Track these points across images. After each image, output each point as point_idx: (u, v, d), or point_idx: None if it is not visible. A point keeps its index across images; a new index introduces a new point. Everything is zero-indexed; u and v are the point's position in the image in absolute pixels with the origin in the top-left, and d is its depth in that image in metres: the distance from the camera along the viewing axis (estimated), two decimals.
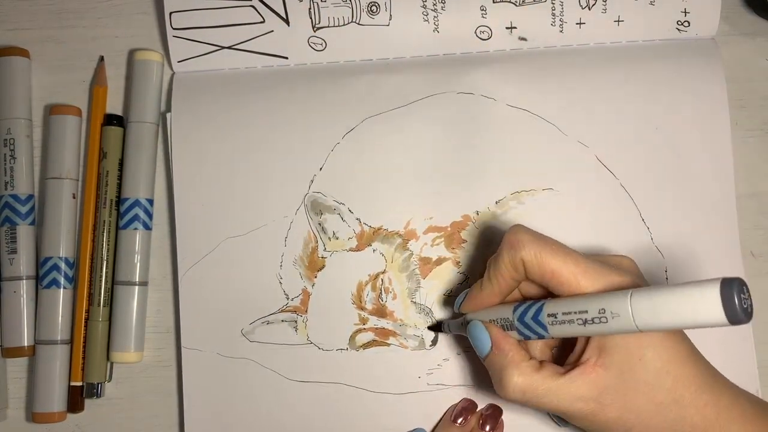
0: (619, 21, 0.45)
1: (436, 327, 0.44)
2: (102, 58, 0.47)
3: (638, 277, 0.35)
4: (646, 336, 0.32)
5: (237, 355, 0.44)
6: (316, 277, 0.44)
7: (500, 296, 0.37)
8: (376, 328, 0.44)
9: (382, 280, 0.44)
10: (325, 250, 0.44)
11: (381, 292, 0.44)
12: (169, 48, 0.46)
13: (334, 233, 0.44)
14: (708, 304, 0.28)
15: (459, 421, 0.42)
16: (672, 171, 0.44)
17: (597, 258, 0.35)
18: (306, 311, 0.44)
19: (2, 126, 0.45)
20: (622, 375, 0.33)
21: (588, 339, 0.34)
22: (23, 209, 0.44)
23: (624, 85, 0.45)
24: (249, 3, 0.46)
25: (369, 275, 0.44)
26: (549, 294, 0.35)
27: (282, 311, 0.44)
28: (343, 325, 0.44)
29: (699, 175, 0.44)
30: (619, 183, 0.44)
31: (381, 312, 0.44)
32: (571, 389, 0.33)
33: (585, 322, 0.32)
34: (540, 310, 0.34)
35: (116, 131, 0.45)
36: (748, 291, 0.28)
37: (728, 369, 0.38)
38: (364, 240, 0.44)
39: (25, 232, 0.44)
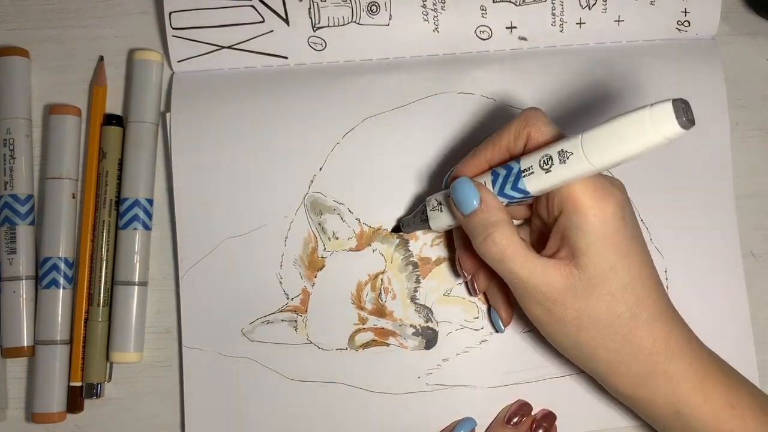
0: (619, 21, 0.45)
1: (396, 228, 0.44)
2: (102, 58, 0.47)
3: (624, 190, 0.35)
4: (619, 247, 0.33)
5: (237, 355, 0.44)
6: (315, 276, 0.44)
7: (490, 162, 0.37)
8: (376, 328, 0.44)
9: (381, 280, 0.44)
10: (324, 250, 0.44)
11: (380, 292, 0.44)
12: (168, 48, 0.46)
13: (333, 233, 0.44)
14: (659, 119, 0.28)
15: (513, 422, 0.42)
16: (672, 171, 0.44)
17: None
18: (306, 311, 0.44)
19: (2, 126, 0.45)
20: (590, 280, 0.33)
21: (563, 238, 0.34)
22: (23, 209, 0.44)
23: (624, 85, 0.45)
24: (249, 3, 0.46)
25: (369, 275, 0.44)
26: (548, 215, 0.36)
27: (282, 311, 0.44)
28: (343, 325, 0.44)
29: (699, 174, 0.44)
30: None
31: (380, 312, 0.44)
32: (545, 272, 0.34)
33: (548, 165, 0.32)
34: (516, 164, 0.34)
35: (116, 131, 0.45)
36: (689, 106, 0.29)
37: None
38: (364, 240, 0.44)
39: (24, 232, 0.44)
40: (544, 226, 0.37)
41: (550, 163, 0.32)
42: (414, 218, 0.42)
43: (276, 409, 0.43)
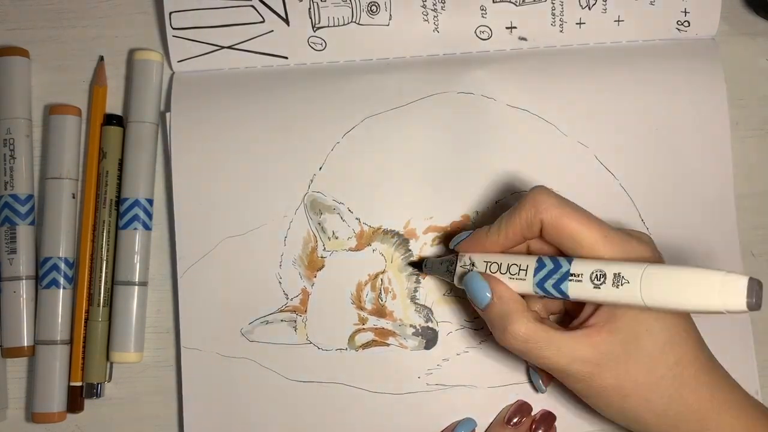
0: (619, 21, 0.45)
1: (417, 264, 0.44)
2: (102, 58, 0.47)
3: (656, 251, 0.35)
4: (655, 311, 0.32)
5: (236, 355, 0.44)
6: (315, 276, 0.44)
7: (503, 248, 0.37)
8: (376, 328, 0.44)
9: (381, 279, 0.44)
10: (324, 249, 0.44)
11: (380, 292, 0.44)
12: (168, 48, 0.46)
13: (333, 233, 0.44)
14: (730, 291, 0.28)
15: (513, 422, 0.42)
16: (672, 171, 0.44)
17: (618, 228, 0.35)
18: (305, 311, 0.44)
19: (2, 126, 0.45)
20: (627, 344, 0.33)
21: (598, 306, 0.34)
22: (23, 209, 0.44)
23: (624, 85, 0.45)
24: (249, 3, 0.46)
25: (368, 275, 0.44)
26: (559, 253, 0.35)
27: (281, 311, 0.44)
28: (343, 325, 0.44)
29: (698, 174, 0.44)
30: (618, 183, 0.44)
31: (380, 312, 0.44)
32: (574, 347, 0.33)
33: (599, 282, 0.32)
34: (567, 263, 0.33)
35: (116, 131, 0.45)
36: (761, 289, 0.29)
37: (728, 369, 0.38)
38: (364, 240, 0.44)
39: (24, 232, 0.44)
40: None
41: (602, 280, 0.32)
42: (441, 265, 0.41)
43: (275, 410, 0.43)
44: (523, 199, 0.35)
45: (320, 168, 0.45)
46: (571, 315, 0.37)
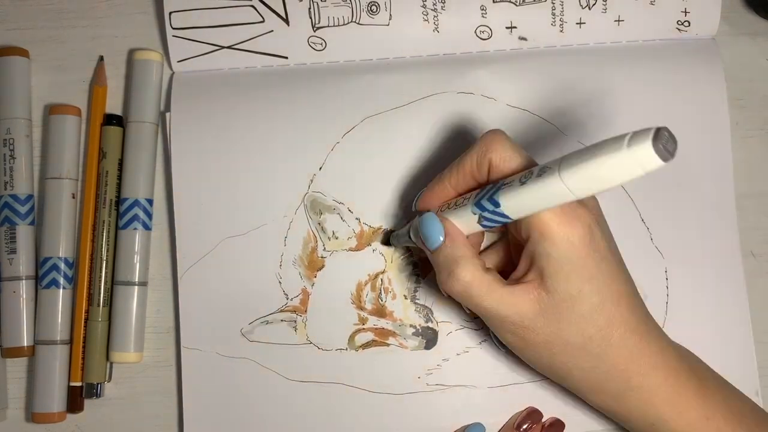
0: (619, 21, 0.45)
1: (386, 242, 0.44)
2: (102, 58, 0.47)
3: (597, 209, 0.35)
4: (587, 269, 0.33)
5: (236, 355, 0.44)
6: (315, 276, 0.44)
7: (456, 192, 0.37)
8: (376, 328, 0.44)
9: (381, 280, 0.44)
10: (324, 249, 0.44)
11: (380, 292, 0.44)
12: (168, 48, 0.46)
13: (333, 233, 0.44)
14: (637, 146, 0.27)
15: (523, 428, 0.42)
16: (672, 171, 0.44)
17: None
18: (305, 311, 0.44)
19: (2, 126, 0.45)
20: (561, 303, 0.33)
21: (531, 262, 0.34)
22: (23, 209, 0.44)
23: (624, 85, 0.45)
24: (249, 3, 0.46)
25: (368, 275, 0.44)
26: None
27: (281, 311, 0.44)
28: (343, 325, 0.44)
29: (699, 174, 0.44)
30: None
31: (380, 312, 0.44)
32: (513, 300, 0.34)
33: (525, 181, 0.31)
34: (496, 189, 0.33)
35: (116, 131, 0.45)
36: (672, 137, 0.27)
37: (728, 369, 0.38)
38: (364, 240, 0.44)
39: (24, 232, 0.44)
40: (516, 248, 0.37)
41: (528, 177, 0.31)
42: (404, 234, 0.41)
43: (275, 410, 0.43)
44: (477, 140, 0.35)
45: (320, 168, 0.45)
46: (509, 268, 0.37)
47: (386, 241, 0.44)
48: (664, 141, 0.27)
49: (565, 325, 0.33)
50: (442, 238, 0.35)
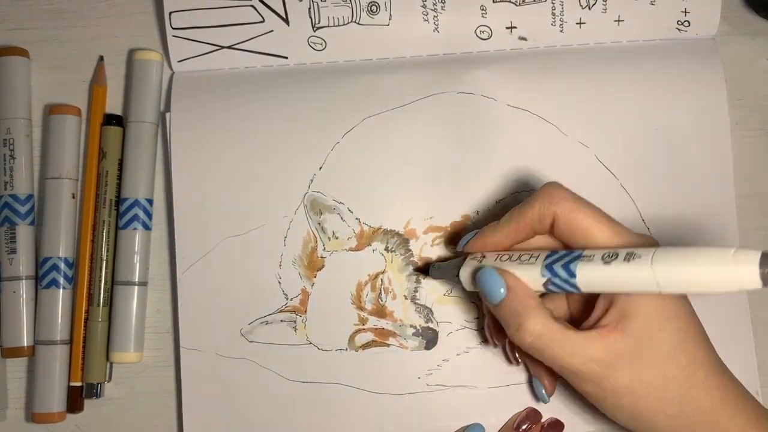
0: (619, 21, 0.45)
1: (424, 269, 0.43)
2: (102, 58, 0.47)
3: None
4: (667, 309, 0.32)
5: (236, 355, 0.44)
6: (315, 276, 0.44)
7: (512, 243, 0.36)
8: (376, 329, 0.44)
9: (381, 280, 0.44)
10: (324, 249, 0.44)
11: (380, 292, 0.44)
12: (168, 48, 0.46)
13: (333, 233, 0.44)
14: (743, 266, 0.27)
15: (522, 429, 0.42)
16: (672, 171, 0.44)
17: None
18: (305, 311, 0.44)
19: (2, 126, 0.45)
20: (640, 344, 0.32)
21: (610, 304, 0.33)
22: (23, 209, 0.44)
23: (624, 85, 0.45)
24: (249, 3, 0.46)
25: (368, 275, 0.44)
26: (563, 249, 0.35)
27: (281, 311, 0.44)
28: (343, 326, 0.44)
29: (699, 175, 0.44)
30: (619, 183, 0.44)
31: (380, 312, 0.44)
32: (587, 347, 0.33)
33: (610, 261, 0.31)
34: (573, 259, 0.32)
35: (116, 131, 0.45)
36: None
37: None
38: (364, 240, 0.44)
39: (24, 232, 0.44)
40: (581, 296, 0.37)
41: (613, 257, 0.31)
42: (448, 268, 0.40)
43: (275, 410, 0.43)
44: (536, 192, 0.35)
45: (320, 168, 0.45)
46: (578, 321, 0.36)
47: (421, 269, 0.43)
48: None
49: (646, 367, 0.32)
50: (503, 291, 0.35)
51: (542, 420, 0.42)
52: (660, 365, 0.32)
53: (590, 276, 0.32)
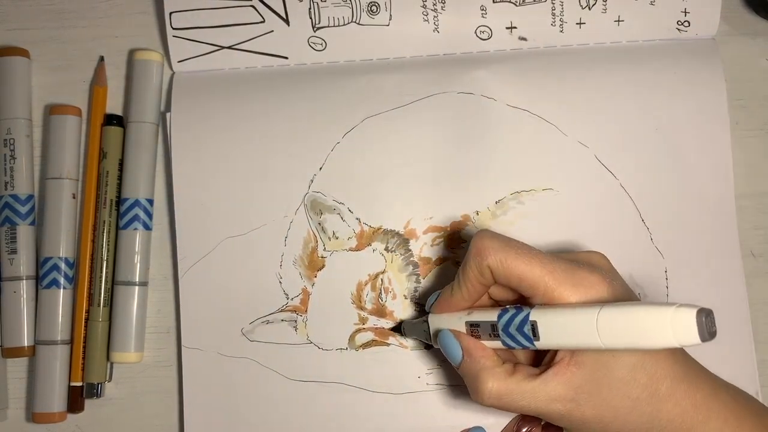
0: (619, 21, 0.45)
1: (396, 329, 0.43)
2: (102, 58, 0.47)
3: (609, 273, 0.35)
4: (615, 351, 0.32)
5: (237, 355, 0.44)
6: (315, 276, 0.44)
7: (470, 301, 0.37)
8: (376, 328, 0.44)
9: (381, 279, 0.44)
10: (324, 249, 0.44)
11: (381, 292, 0.44)
12: (169, 48, 0.46)
13: (333, 233, 0.44)
14: (680, 327, 0.28)
15: (523, 431, 0.42)
16: (672, 171, 0.44)
17: (566, 256, 0.35)
18: (306, 311, 0.44)
19: (2, 126, 0.45)
20: (596, 373, 0.32)
21: None
22: (23, 209, 0.44)
23: (624, 85, 0.45)
24: (249, 3, 0.46)
25: (369, 275, 0.44)
26: (519, 297, 0.35)
27: (282, 311, 0.44)
28: (343, 325, 0.44)
29: (699, 175, 0.44)
30: (618, 183, 0.44)
31: (381, 312, 0.44)
32: (547, 390, 0.33)
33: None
34: (524, 321, 0.33)
35: (116, 131, 0.45)
36: (713, 318, 0.29)
37: (728, 369, 0.38)
38: (364, 240, 0.44)
39: (25, 232, 0.44)
40: None
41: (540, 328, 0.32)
42: (417, 329, 0.41)
43: (276, 410, 0.43)
44: (469, 248, 0.35)
45: (320, 168, 0.45)
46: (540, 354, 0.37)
47: (396, 328, 0.44)
48: (705, 323, 0.28)
49: (607, 393, 0.33)
50: (460, 356, 0.36)
51: (542, 422, 0.42)
52: (620, 389, 0.32)
53: (546, 341, 0.33)
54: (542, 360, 0.35)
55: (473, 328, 0.36)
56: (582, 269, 0.33)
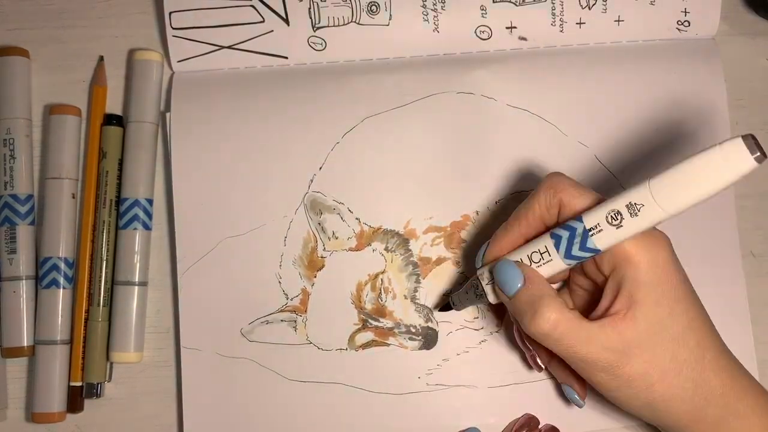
0: (619, 21, 0.45)
1: (446, 306, 0.42)
2: (102, 58, 0.47)
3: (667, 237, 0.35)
4: (673, 291, 0.33)
5: (236, 355, 0.44)
6: (315, 276, 0.44)
7: (524, 239, 0.37)
8: (376, 328, 0.44)
9: (381, 279, 0.44)
10: (324, 249, 0.44)
11: (380, 292, 0.44)
12: (168, 48, 0.46)
13: (333, 233, 0.44)
14: (733, 157, 0.28)
15: None
16: None
17: None
18: (305, 311, 0.44)
19: (2, 126, 0.45)
20: (651, 329, 0.33)
21: (617, 292, 0.33)
22: (23, 209, 0.44)
23: (624, 85, 0.45)
24: (249, 3, 0.46)
25: (368, 275, 0.44)
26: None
27: (281, 311, 0.44)
28: (343, 325, 0.44)
29: None
30: (619, 183, 0.44)
31: (380, 312, 0.44)
32: (601, 336, 0.33)
33: (618, 221, 0.32)
34: (579, 223, 0.33)
35: (116, 131, 0.45)
36: (757, 141, 0.29)
37: None
38: (364, 240, 0.44)
39: (24, 232, 0.44)
40: (590, 286, 0.37)
41: (619, 218, 0.32)
42: (467, 294, 0.40)
43: (275, 410, 0.43)
44: (540, 184, 0.36)
45: (320, 168, 0.45)
46: (584, 314, 0.36)
47: (445, 307, 0.42)
48: (755, 144, 0.28)
49: (659, 351, 0.33)
50: (520, 284, 0.35)
51: (540, 426, 0.42)
52: (671, 349, 0.33)
53: (609, 242, 0.33)
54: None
55: (532, 255, 0.35)
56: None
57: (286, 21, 0.46)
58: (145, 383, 0.45)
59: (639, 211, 0.31)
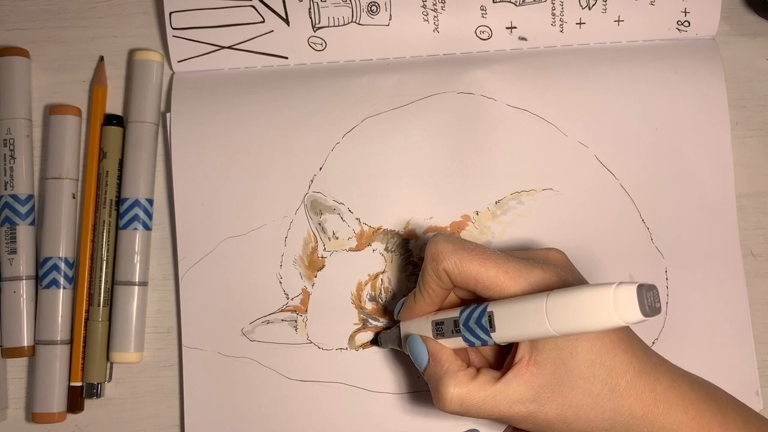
0: (619, 21, 0.45)
1: (374, 341, 0.43)
2: (102, 58, 0.47)
3: (564, 269, 0.35)
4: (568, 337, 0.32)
5: (237, 355, 0.44)
6: (315, 276, 0.44)
7: (433, 306, 0.37)
8: (376, 328, 0.44)
9: (381, 279, 0.44)
10: (324, 249, 0.44)
11: (380, 292, 0.44)
12: (169, 48, 0.46)
13: (333, 233, 0.44)
14: (622, 304, 0.28)
15: None
16: (672, 171, 0.44)
17: (521, 254, 0.35)
18: (306, 311, 0.44)
19: (2, 126, 0.45)
20: (556, 371, 0.32)
21: (518, 344, 0.33)
22: (23, 209, 0.44)
23: (624, 85, 0.45)
24: (249, 3, 0.46)
25: (369, 275, 0.44)
26: (478, 297, 0.35)
27: (282, 311, 0.44)
28: (343, 325, 0.44)
29: (699, 175, 0.44)
30: (618, 183, 0.44)
31: (380, 312, 0.44)
32: (508, 393, 0.33)
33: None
34: (482, 314, 0.33)
35: (116, 131, 0.45)
36: (656, 293, 0.29)
37: (728, 369, 0.38)
38: (364, 240, 0.44)
39: (24, 232, 0.44)
40: None
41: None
42: (390, 335, 0.41)
43: (276, 409, 0.43)
44: (425, 254, 0.36)
45: (320, 168, 0.45)
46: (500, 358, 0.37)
47: (374, 341, 0.44)
48: (648, 297, 0.28)
49: (568, 391, 0.33)
50: (425, 362, 0.36)
51: None
52: (581, 386, 0.32)
53: (503, 335, 0.33)
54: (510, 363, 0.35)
55: (438, 326, 0.36)
56: (536, 267, 0.34)
57: (286, 21, 0.46)
58: (146, 383, 0.45)
59: (533, 323, 0.31)
